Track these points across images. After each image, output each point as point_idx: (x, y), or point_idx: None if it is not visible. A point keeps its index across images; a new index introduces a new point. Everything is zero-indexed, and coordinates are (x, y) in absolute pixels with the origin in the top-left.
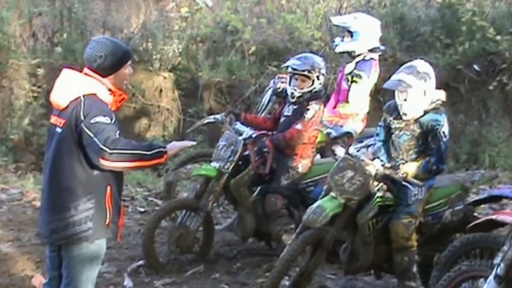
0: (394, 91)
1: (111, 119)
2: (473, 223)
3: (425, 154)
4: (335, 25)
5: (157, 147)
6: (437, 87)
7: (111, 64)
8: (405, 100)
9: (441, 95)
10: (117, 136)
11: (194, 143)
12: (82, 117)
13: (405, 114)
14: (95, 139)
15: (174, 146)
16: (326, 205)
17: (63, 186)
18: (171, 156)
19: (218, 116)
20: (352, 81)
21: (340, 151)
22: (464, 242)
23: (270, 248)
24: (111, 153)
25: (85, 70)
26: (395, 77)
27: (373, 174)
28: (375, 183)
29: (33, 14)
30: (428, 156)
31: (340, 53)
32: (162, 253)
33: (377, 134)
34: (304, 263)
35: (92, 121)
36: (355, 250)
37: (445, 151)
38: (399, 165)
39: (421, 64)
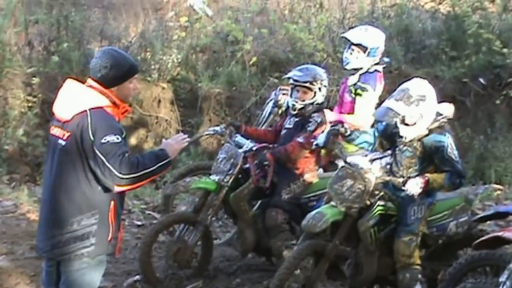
0: None
1: (120, 135)
2: (479, 240)
3: (426, 173)
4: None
5: (162, 158)
6: (443, 101)
7: (114, 76)
8: (403, 123)
9: (448, 110)
10: (127, 157)
11: (187, 138)
12: (91, 135)
13: (404, 137)
14: (108, 164)
15: (172, 148)
16: (326, 211)
17: (66, 200)
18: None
19: (218, 128)
20: (357, 94)
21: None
22: (470, 259)
23: (270, 264)
24: (126, 180)
25: (89, 81)
26: (385, 103)
27: (372, 181)
28: (376, 191)
29: (29, 22)
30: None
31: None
32: (160, 268)
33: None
34: (307, 274)
35: (103, 141)
36: (359, 261)
37: (462, 168)
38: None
39: (415, 86)
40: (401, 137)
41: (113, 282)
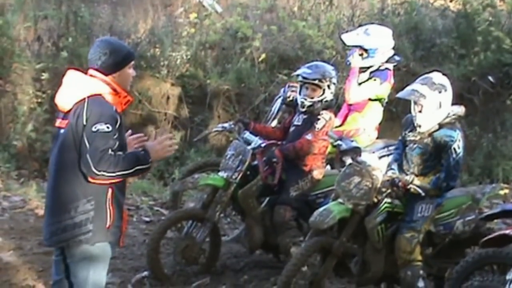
0: (410, 103)
1: (113, 125)
2: (486, 238)
3: (436, 170)
4: (349, 46)
5: (142, 163)
6: (453, 101)
7: (115, 61)
8: (420, 111)
9: (459, 110)
10: (108, 154)
11: (175, 146)
12: (84, 121)
13: (420, 126)
14: (87, 156)
15: (156, 154)
16: (333, 208)
17: (63, 188)
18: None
19: (226, 125)
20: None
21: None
22: (477, 258)
23: (278, 261)
24: (100, 176)
25: (90, 71)
26: (409, 87)
27: (380, 178)
28: (383, 189)
29: (38, 17)
30: (438, 172)
31: None
32: (168, 264)
33: (397, 148)
34: (314, 271)
35: (93, 129)
36: (366, 259)
37: (456, 168)
38: (411, 178)
39: (437, 76)
40: (413, 131)
41: (121, 278)
